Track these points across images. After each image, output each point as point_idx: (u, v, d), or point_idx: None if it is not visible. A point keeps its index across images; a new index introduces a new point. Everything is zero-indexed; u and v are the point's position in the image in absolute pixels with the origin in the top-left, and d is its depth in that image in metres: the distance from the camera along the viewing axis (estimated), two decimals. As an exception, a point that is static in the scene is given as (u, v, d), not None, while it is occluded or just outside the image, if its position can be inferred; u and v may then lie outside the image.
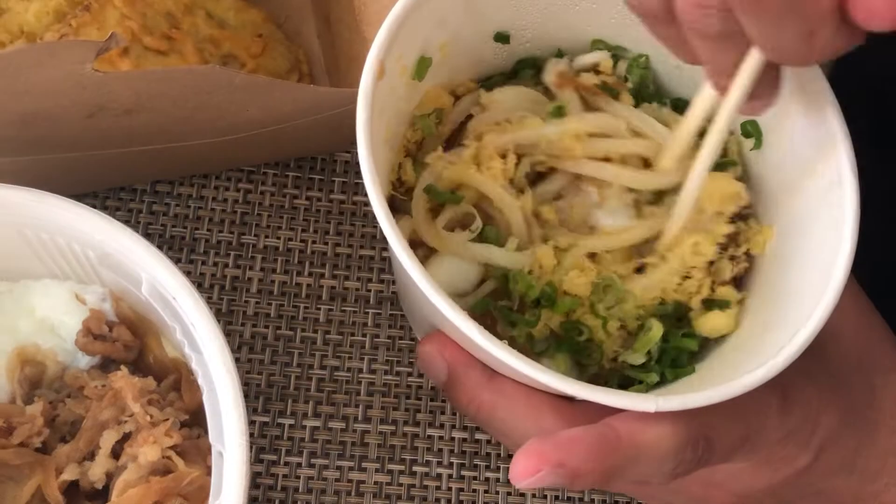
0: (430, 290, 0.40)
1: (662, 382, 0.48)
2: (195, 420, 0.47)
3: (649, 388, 0.47)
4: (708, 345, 0.49)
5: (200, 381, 0.43)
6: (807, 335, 0.41)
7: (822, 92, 0.45)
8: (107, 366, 0.49)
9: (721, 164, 0.50)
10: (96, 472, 0.44)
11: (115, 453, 0.45)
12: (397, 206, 0.49)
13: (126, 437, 0.45)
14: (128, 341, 0.48)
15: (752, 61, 0.38)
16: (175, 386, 0.48)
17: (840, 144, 0.44)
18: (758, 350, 0.43)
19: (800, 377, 0.45)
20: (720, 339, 0.48)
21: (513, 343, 0.45)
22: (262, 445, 0.58)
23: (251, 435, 0.58)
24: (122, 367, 0.46)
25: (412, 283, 0.40)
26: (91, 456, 0.45)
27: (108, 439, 0.45)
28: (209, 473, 0.44)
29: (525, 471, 0.39)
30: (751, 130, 0.50)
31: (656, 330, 0.47)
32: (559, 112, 0.49)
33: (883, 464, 0.47)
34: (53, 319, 0.48)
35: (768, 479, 0.46)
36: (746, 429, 0.43)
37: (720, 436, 0.42)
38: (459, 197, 0.48)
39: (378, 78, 0.43)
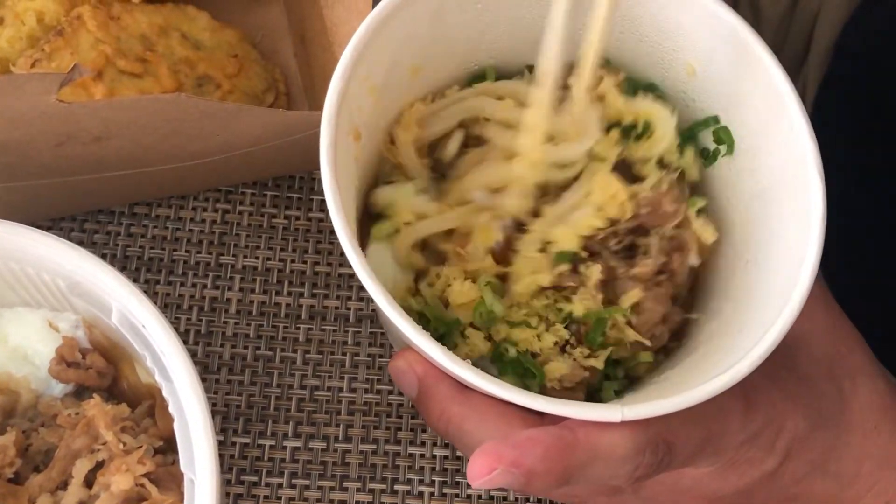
0: (393, 314, 0.40)
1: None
2: (170, 446, 0.47)
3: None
4: (680, 352, 0.49)
5: (171, 409, 0.43)
6: (771, 341, 0.41)
7: (789, 95, 0.46)
8: (81, 393, 0.49)
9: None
10: (69, 501, 0.44)
11: (89, 482, 0.45)
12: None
13: (99, 466, 0.45)
14: (101, 368, 0.48)
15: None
16: (150, 412, 0.48)
17: (808, 153, 0.44)
18: (727, 356, 0.43)
19: (764, 381, 0.45)
20: (693, 345, 0.48)
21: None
22: (242, 467, 0.58)
23: (231, 457, 0.58)
24: (95, 394, 0.46)
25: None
26: (64, 485, 0.45)
27: (81, 468, 0.45)
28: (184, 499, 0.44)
29: (480, 469, 0.39)
30: (723, 137, 0.50)
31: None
32: None
33: (859, 467, 0.48)
34: (27, 347, 0.48)
35: (735, 482, 0.46)
36: (707, 431, 0.44)
37: (680, 438, 0.43)
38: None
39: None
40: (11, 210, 0.51)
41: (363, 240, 0.49)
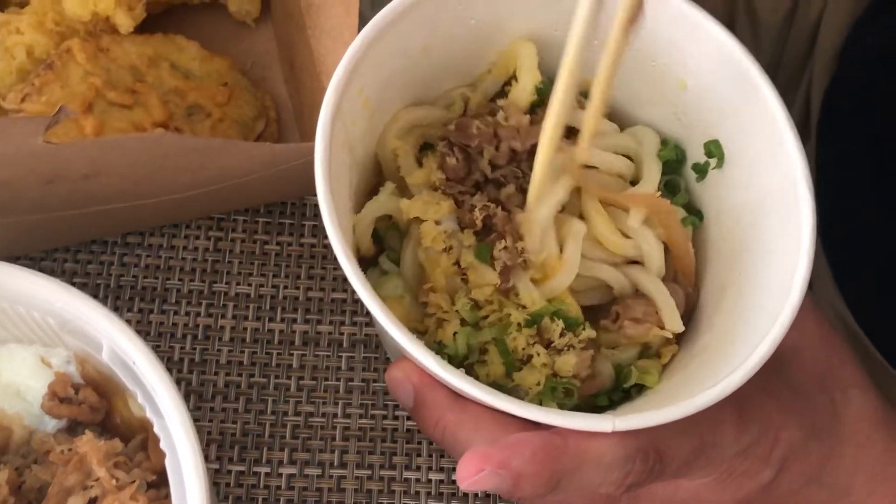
0: (388, 324, 0.41)
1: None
2: (163, 479, 0.47)
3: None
4: (674, 365, 0.49)
5: (163, 445, 0.43)
6: (763, 352, 0.42)
7: (778, 108, 0.46)
8: (74, 428, 0.49)
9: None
10: (63, 539, 0.44)
11: (82, 519, 0.45)
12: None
13: (92, 502, 0.45)
14: (94, 403, 0.48)
15: None
16: (143, 445, 0.48)
17: (798, 168, 0.45)
18: (720, 368, 0.43)
19: (758, 392, 0.45)
20: (688, 359, 0.49)
21: None
22: (238, 495, 0.58)
23: (227, 485, 0.58)
24: (87, 430, 0.46)
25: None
26: (58, 523, 0.45)
27: (74, 505, 0.45)
28: (177, 534, 0.44)
29: (468, 470, 0.40)
30: (713, 150, 0.50)
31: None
32: None
33: (852, 479, 0.48)
34: (19, 384, 0.48)
35: (731, 494, 0.46)
36: (700, 441, 0.44)
37: (671, 448, 0.43)
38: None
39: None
40: (4, 244, 0.51)
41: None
